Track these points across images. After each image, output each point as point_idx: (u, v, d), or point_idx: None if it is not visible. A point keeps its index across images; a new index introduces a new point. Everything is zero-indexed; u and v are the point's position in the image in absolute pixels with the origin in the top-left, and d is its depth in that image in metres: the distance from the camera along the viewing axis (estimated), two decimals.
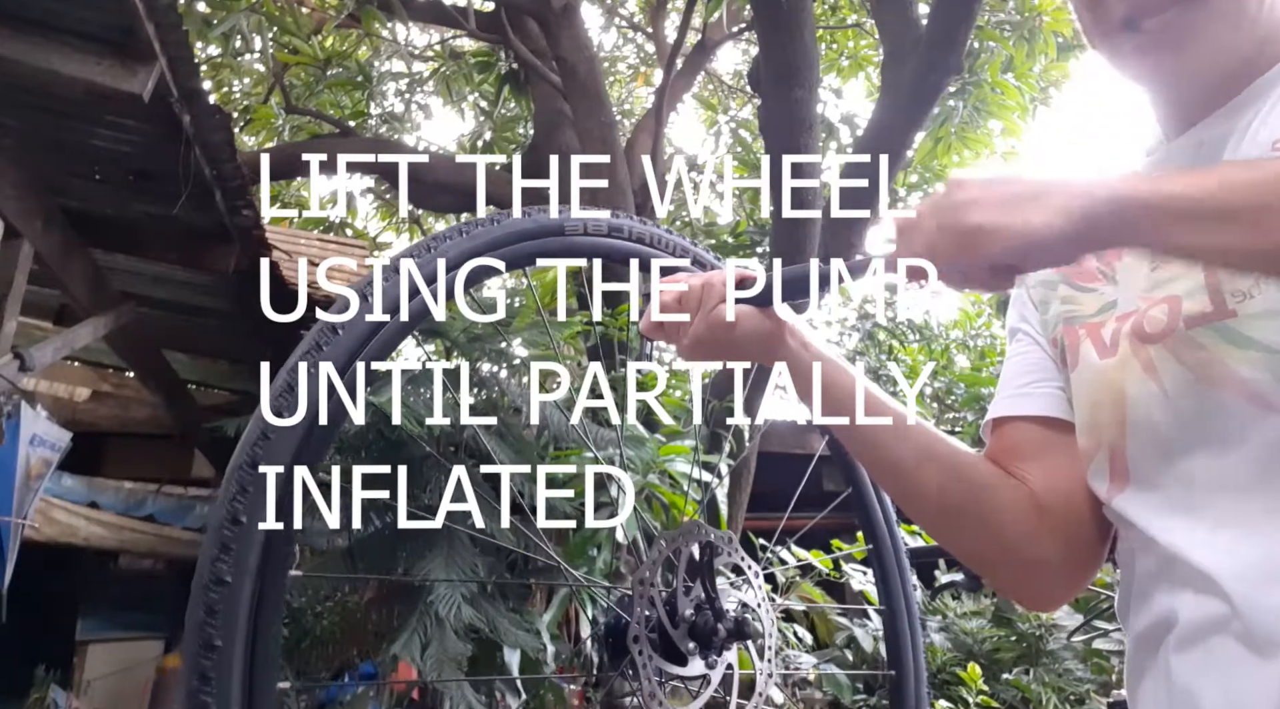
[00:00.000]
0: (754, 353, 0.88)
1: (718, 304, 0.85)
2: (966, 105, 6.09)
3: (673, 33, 7.53)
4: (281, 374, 0.86)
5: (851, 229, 4.53)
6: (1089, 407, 0.76)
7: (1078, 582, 0.82)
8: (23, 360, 3.58)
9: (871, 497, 1.27)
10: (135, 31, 2.57)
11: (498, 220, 1.01)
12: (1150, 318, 0.71)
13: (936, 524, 0.86)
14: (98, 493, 5.76)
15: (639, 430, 3.26)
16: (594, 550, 3.01)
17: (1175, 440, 0.68)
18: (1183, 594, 0.66)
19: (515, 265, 1.03)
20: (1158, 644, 0.69)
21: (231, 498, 0.80)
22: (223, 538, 0.78)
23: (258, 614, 0.79)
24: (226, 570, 0.77)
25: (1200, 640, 0.64)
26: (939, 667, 4.84)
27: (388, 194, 9.15)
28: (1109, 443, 0.73)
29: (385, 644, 2.99)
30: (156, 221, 3.70)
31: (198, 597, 0.77)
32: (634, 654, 0.96)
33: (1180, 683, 0.66)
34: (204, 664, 0.76)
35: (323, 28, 7.20)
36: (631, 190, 5.91)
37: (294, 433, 0.83)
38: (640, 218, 1.14)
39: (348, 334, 0.88)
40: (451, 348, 3.43)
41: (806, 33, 4.04)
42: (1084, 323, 0.79)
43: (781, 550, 3.74)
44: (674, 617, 1.00)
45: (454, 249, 0.97)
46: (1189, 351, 0.68)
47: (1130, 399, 0.71)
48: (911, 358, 9.19)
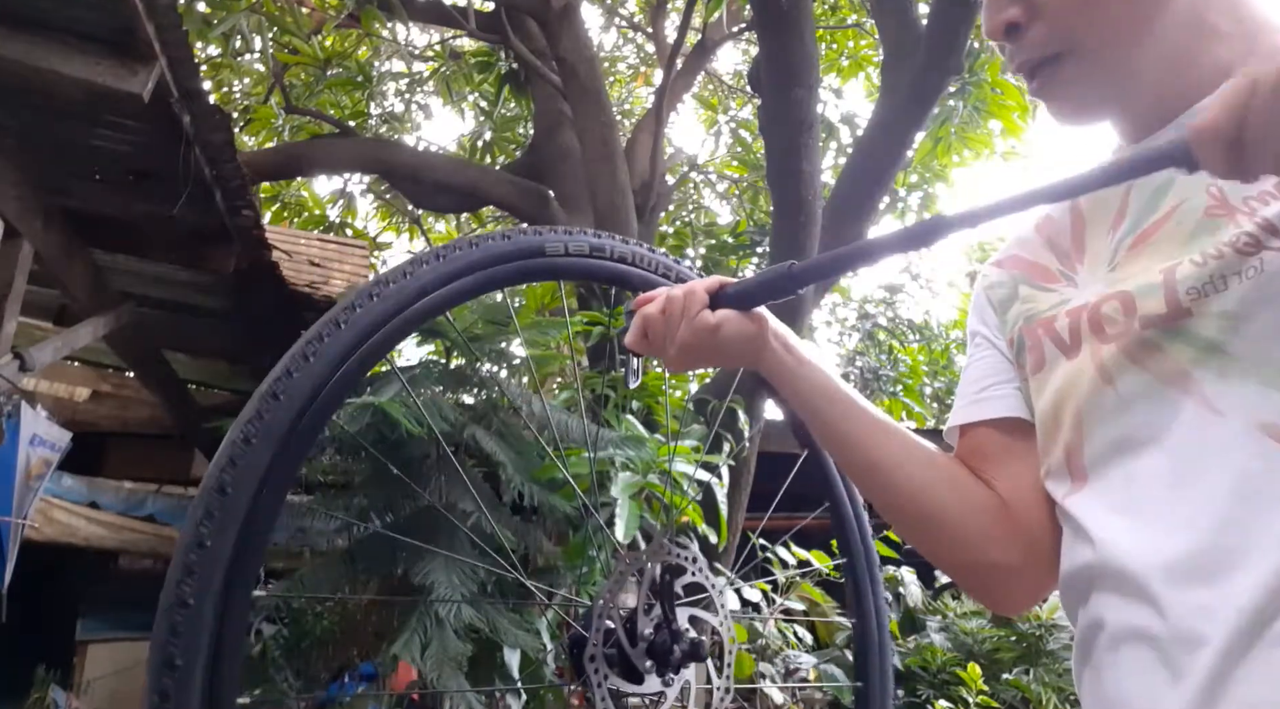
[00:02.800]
0: (739, 356, 0.89)
1: (700, 309, 0.86)
2: (966, 105, 6.09)
3: (673, 33, 7.54)
4: (252, 400, 0.87)
5: (851, 229, 4.53)
6: (1050, 407, 0.76)
7: (1043, 585, 0.83)
8: (23, 360, 3.58)
9: (847, 508, 1.27)
10: (135, 31, 2.57)
11: (475, 244, 1.01)
12: (1104, 315, 0.72)
13: (911, 526, 0.87)
14: (98, 493, 5.77)
15: (639, 430, 3.26)
16: (594, 551, 3.01)
17: (1125, 440, 0.69)
18: (1112, 596, 0.68)
19: (494, 288, 1.02)
20: (1092, 643, 0.70)
21: (198, 522, 0.81)
22: (188, 561, 0.80)
23: (220, 635, 0.81)
24: (190, 594, 0.79)
25: (1125, 641, 0.66)
26: (939, 667, 4.84)
27: (388, 194, 9.16)
28: (1066, 443, 0.74)
29: (385, 644, 2.99)
30: (156, 221, 3.70)
31: (162, 616, 0.79)
32: (589, 672, 0.99)
33: (1108, 682, 0.67)
34: (165, 683, 0.78)
35: (323, 28, 7.20)
36: (631, 190, 5.92)
37: (260, 459, 0.84)
38: (623, 237, 1.13)
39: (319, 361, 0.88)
40: (451, 348, 3.44)
41: (806, 33, 4.04)
42: (1039, 319, 0.80)
43: (782, 551, 3.74)
44: (634, 635, 1.02)
45: (430, 274, 0.96)
46: (1144, 352, 0.68)
47: (1086, 399, 0.72)
48: (911, 358, 9.20)
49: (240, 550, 0.82)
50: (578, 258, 1.06)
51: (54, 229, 3.65)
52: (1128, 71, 0.75)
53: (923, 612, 5.58)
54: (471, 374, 3.46)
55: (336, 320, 0.91)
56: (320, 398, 0.88)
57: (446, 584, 2.83)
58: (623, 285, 1.12)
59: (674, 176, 9.09)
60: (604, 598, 1.03)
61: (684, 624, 1.05)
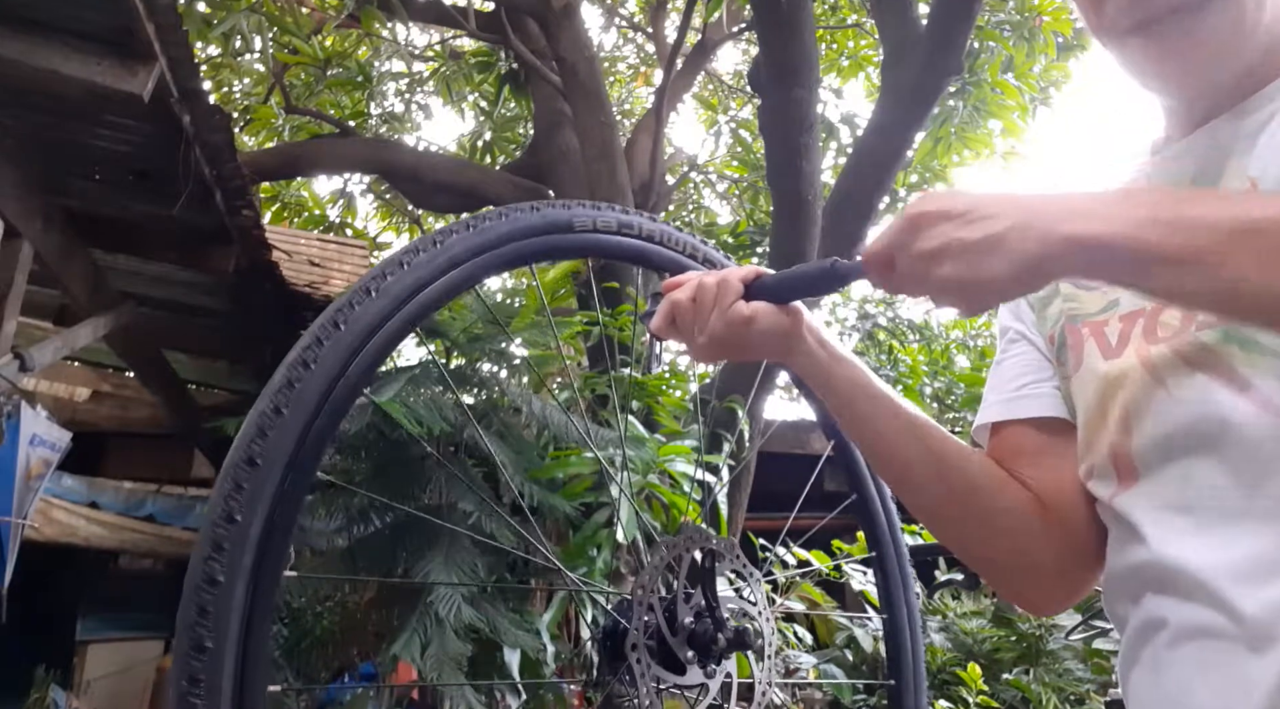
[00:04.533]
0: (770, 350, 0.86)
1: (734, 300, 0.83)
2: (966, 105, 6.09)
3: (673, 33, 7.53)
4: (281, 369, 0.83)
5: (851, 229, 4.52)
6: (1094, 406, 0.75)
7: (1078, 586, 0.82)
8: (23, 360, 3.58)
9: (876, 503, 1.24)
10: (135, 31, 2.57)
11: (506, 215, 0.98)
12: (1163, 322, 0.71)
13: (943, 525, 0.86)
14: (98, 493, 5.76)
15: (639, 430, 3.26)
16: (594, 550, 3.01)
17: (1177, 440, 0.68)
18: (1170, 596, 0.67)
19: (523, 262, 0.99)
20: (1148, 640, 0.69)
21: (226, 495, 0.77)
22: (216, 536, 0.76)
23: (251, 616, 0.77)
24: (219, 570, 0.75)
25: (1190, 639, 0.65)
26: (939, 667, 4.84)
27: (388, 194, 9.16)
28: (1112, 442, 0.73)
29: (385, 644, 2.99)
30: (156, 221, 3.70)
31: (189, 597, 0.75)
32: (632, 662, 0.94)
33: (1170, 677, 0.66)
34: (194, 666, 0.74)
35: (323, 28, 7.20)
36: (631, 190, 5.91)
37: (292, 429, 0.80)
38: (650, 215, 1.10)
39: (349, 330, 0.85)
40: (451, 347, 3.43)
41: (806, 33, 4.04)
42: (1087, 321, 0.79)
43: (782, 551, 3.74)
44: (673, 624, 0.98)
45: (460, 244, 0.93)
46: (1195, 352, 0.68)
47: (1135, 398, 0.71)
48: (911, 358, 9.19)
49: (272, 526, 0.78)
50: (605, 234, 1.04)
51: (54, 229, 3.64)
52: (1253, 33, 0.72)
53: (922, 611, 5.57)
54: (471, 374, 3.46)
55: (367, 288, 0.88)
56: (352, 367, 0.84)
57: (448, 583, 2.83)
58: (648, 265, 1.09)
59: (674, 176, 9.08)
60: (644, 586, 0.98)
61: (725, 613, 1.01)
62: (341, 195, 9.12)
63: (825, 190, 4.84)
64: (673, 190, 8.85)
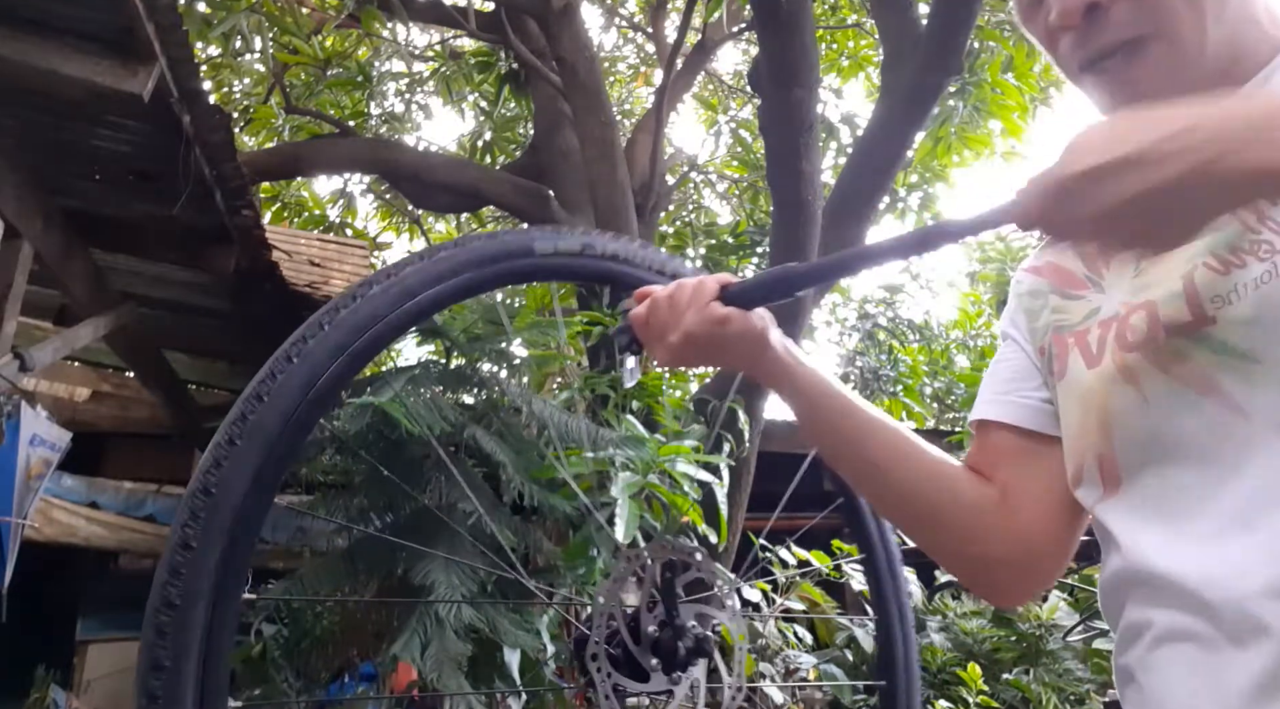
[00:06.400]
0: (740, 354, 0.89)
1: (711, 300, 0.86)
2: (966, 105, 6.09)
3: (673, 33, 7.53)
4: (237, 404, 0.86)
5: (850, 229, 4.52)
6: (1078, 415, 0.77)
7: (1040, 580, 0.87)
8: (23, 360, 3.58)
9: (863, 504, 1.25)
10: (135, 31, 2.58)
11: (461, 243, 0.99)
12: (1131, 326, 0.72)
13: (909, 523, 0.90)
14: (98, 493, 5.76)
15: (639, 430, 3.26)
16: (594, 551, 3.01)
17: (1154, 447, 0.70)
18: (1145, 601, 0.69)
19: (482, 290, 1.01)
20: (1133, 644, 0.71)
21: (183, 523, 0.81)
22: (173, 562, 0.80)
23: (208, 637, 0.80)
24: (176, 595, 0.79)
25: (1170, 642, 0.66)
26: (939, 667, 4.84)
27: (388, 194, 9.16)
28: (1095, 450, 0.75)
29: (385, 644, 2.99)
30: (156, 221, 3.70)
31: (149, 619, 0.79)
32: (591, 671, 0.99)
33: (1153, 680, 0.68)
34: (153, 685, 0.77)
35: (323, 28, 7.20)
36: (631, 190, 5.91)
37: (246, 461, 0.83)
38: (614, 235, 1.10)
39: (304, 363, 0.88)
40: (451, 348, 3.43)
41: (806, 33, 4.04)
42: (1071, 331, 0.80)
43: (781, 551, 3.74)
44: (638, 633, 1.02)
45: (415, 276, 0.94)
46: (1169, 359, 0.69)
47: (1113, 407, 0.72)
48: (911, 358, 9.19)
49: (228, 552, 0.82)
50: (569, 257, 1.04)
51: (54, 229, 3.64)
52: (1200, 56, 0.73)
53: (922, 612, 5.58)
54: (471, 374, 3.46)
55: (320, 323, 0.90)
56: (306, 399, 0.87)
57: (446, 584, 2.83)
58: (615, 284, 1.10)
59: (674, 176, 9.09)
60: (604, 596, 1.02)
61: (691, 621, 1.05)
62: (341, 195, 9.13)
63: (825, 190, 4.84)
64: (673, 190, 8.86)
